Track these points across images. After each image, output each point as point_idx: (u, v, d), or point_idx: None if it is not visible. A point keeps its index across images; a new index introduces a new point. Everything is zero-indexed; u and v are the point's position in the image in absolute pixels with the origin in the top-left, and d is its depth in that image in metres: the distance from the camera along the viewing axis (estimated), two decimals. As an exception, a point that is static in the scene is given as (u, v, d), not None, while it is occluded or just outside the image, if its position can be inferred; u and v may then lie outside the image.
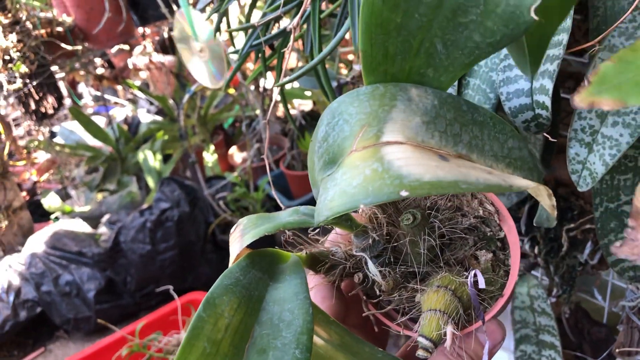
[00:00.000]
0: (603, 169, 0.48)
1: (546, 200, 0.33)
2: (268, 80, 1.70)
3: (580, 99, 0.30)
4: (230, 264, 0.33)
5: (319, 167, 0.32)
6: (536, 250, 0.83)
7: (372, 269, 0.35)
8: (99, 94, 2.74)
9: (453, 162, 0.30)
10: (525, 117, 0.46)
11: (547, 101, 0.44)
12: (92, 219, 2.03)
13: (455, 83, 0.54)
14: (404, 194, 0.26)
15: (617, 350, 0.76)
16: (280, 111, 2.43)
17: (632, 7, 0.41)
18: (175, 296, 1.45)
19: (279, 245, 0.38)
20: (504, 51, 0.47)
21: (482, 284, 0.34)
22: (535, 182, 0.30)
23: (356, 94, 0.32)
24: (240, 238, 0.35)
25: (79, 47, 1.74)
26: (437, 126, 0.32)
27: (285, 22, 0.65)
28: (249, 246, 0.34)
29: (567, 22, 0.42)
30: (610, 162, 0.47)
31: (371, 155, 0.29)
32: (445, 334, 0.31)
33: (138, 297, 1.82)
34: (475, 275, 0.34)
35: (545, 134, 0.49)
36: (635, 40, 0.25)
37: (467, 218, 0.37)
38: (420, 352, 0.31)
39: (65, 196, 2.27)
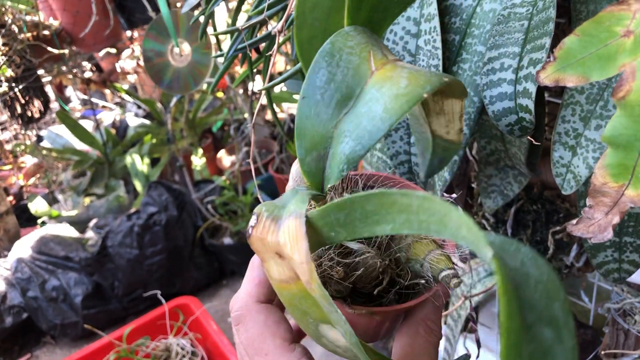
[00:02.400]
0: (587, 172, 0.48)
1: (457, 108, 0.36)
2: (256, 84, 1.69)
3: (545, 76, 0.30)
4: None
5: (331, 112, 0.31)
6: (523, 253, 0.83)
7: (356, 246, 0.35)
8: (86, 97, 2.72)
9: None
10: (508, 121, 0.46)
11: (530, 104, 0.44)
12: (80, 224, 2.01)
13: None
14: (445, 79, 0.29)
15: (603, 352, 0.76)
16: (270, 115, 2.43)
17: (614, 11, 0.42)
18: (163, 301, 1.44)
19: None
20: (488, 54, 0.47)
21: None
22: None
23: (345, 33, 0.33)
24: (276, 221, 0.31)
25: (66, 51, 1.72)
26: (385, 50, 0.34)
27: (273, 26, 0.65)
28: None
29: (550, 26, 0.42)
30: (593, 165, 0.47)
31: (394, 67, 0.30)
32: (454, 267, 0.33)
33: (126, 302, 1.81)
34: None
35: (529, 137, 0.49)
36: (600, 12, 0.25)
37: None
38: (454, 281, 0.32)
39: (52, 200, 2.25)
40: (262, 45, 0.71)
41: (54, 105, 2.41)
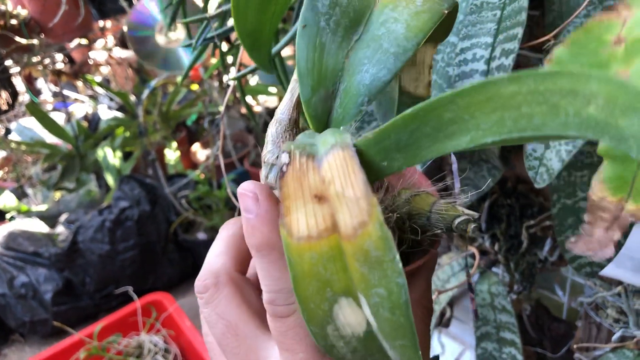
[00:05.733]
0: (559, 165, 0.48)
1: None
2: (231, 75, 1.67)
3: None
4: None
5: (339, 40, 0.28)
6: (496, 247, 0.83)
7: None
8: (57, 89, 2.66)
9: None
10: (481, 113, 0.45)
11: (503, 96, 0.43)
12: (50, 219, 1.97)
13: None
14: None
15: (575, 345, 0.77)
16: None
17: (586, 2, 0.41)
18: (135, 297, 1.42)
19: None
20: (460, 45, 0.46)
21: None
22: None
23: None
24: (312, 159, 0.25)
25: (35, 41, 1.68)
26: None
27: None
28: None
29: (522, 16, 0.41)
30: (566, 158, 0.46)
31: None
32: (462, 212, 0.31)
33: (97, 299, 1.77)
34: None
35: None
36: (588, 20, 0.24)
37: None
38: (471, 226, 0.30)
39: (21, 195, 2.20)
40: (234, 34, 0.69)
41: (25, 98, 2.35)
